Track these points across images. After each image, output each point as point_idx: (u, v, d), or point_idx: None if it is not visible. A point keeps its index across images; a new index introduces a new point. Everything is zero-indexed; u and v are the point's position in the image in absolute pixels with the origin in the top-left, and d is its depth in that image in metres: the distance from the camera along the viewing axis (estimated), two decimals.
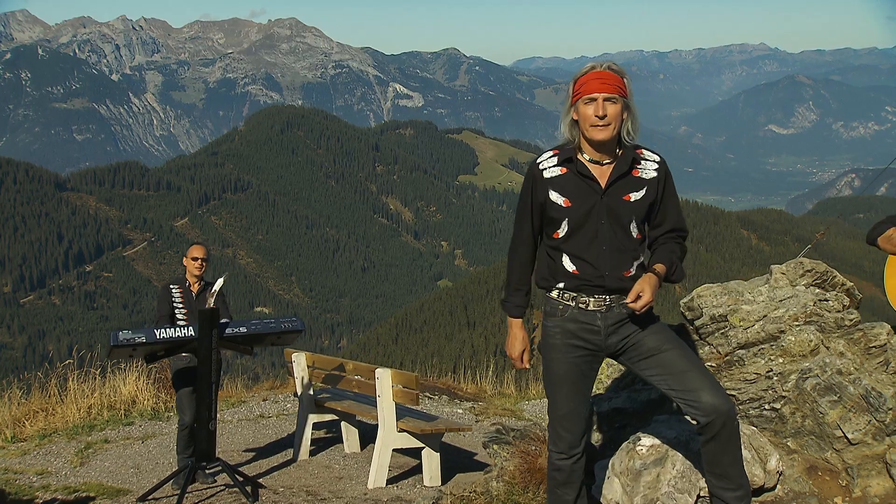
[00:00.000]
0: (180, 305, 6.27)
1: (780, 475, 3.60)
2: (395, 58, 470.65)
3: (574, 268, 3.20)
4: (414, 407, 6.68)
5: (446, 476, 6.57)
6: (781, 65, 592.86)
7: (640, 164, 3.24)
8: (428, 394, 9.63)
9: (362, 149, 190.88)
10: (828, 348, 3.77)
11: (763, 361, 3.83)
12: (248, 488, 5.99)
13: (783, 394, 3.73)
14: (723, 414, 3.07)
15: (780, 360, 3.79)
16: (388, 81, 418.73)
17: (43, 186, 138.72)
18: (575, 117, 3.18)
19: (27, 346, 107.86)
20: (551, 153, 3.30)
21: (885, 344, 3.76)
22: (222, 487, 6.15)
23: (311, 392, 7.26)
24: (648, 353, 3.20)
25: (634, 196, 3.20)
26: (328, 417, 7.37)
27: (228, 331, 5.83)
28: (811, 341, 3.75)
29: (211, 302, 5.72)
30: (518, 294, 3.38)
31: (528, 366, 3.35)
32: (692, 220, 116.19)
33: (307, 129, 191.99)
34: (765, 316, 3.89)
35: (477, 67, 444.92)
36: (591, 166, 3.19)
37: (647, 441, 3.59)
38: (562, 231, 3.20)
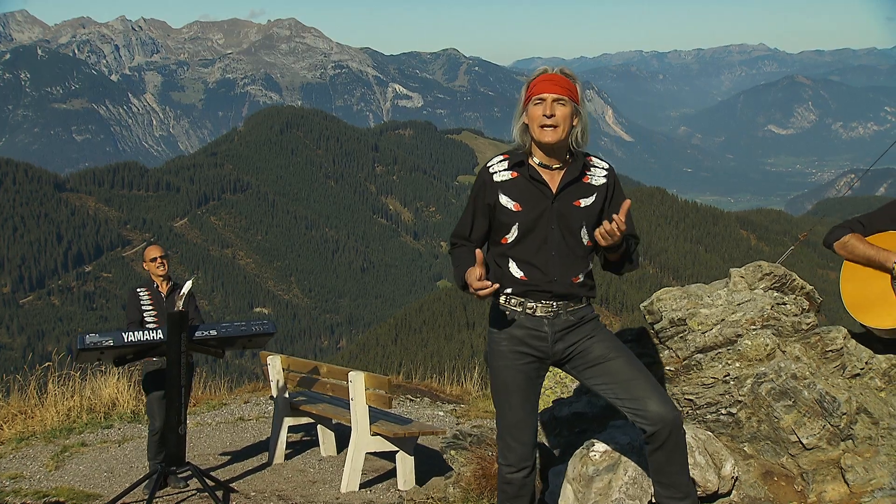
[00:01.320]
0: (149, 308, 6.24)
1: (735, 480, 3.57)
2: (394, 58, 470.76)
3: (522, 273, 3.17)
4: (389, 410, 6.65)
5: (422, 479, 6.52)
6: (781, 65, 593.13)
7: (589, 170, 3.22)
8: (410, 396, 9.59)
9: (362, 149, 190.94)
10: (784, 352, 3.74)
11: (720, 366, 3.81)
12: (220, 493, 5.95)
13: (739, 398, 3.70)
14: (669, 423, 3.03)
15: (737, 365, 3.76)
16: (388, 82, 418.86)
17: (42, 187, 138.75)
18: (525, 121, 3.15)
19: (26, 347, 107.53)
20: (501, 157, 3.27)
21: (842, 348, 3.73)
22: (193, 492, 6.11)
23: (287, 395, 7.23)
24: (595, 362, 3.17)
25: (584, 202, 3.17)
26: (304, 420, 7.33)
27: (198, 334, 5.78)
28: (767, 345, 3.72)
29: (179, 305, 5.68)
30: (470, 260, 3.13)
31: (489, 285, 2.98)
32: (691, 221, 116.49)
33: (306, 130, 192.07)
34: (722, 320, 3.86)
35: (476, 68, 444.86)
36: (541, 171, 3.17)
37: (600, 447, 3.56)
38: (511, 236, 3.17)
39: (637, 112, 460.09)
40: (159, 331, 5.66)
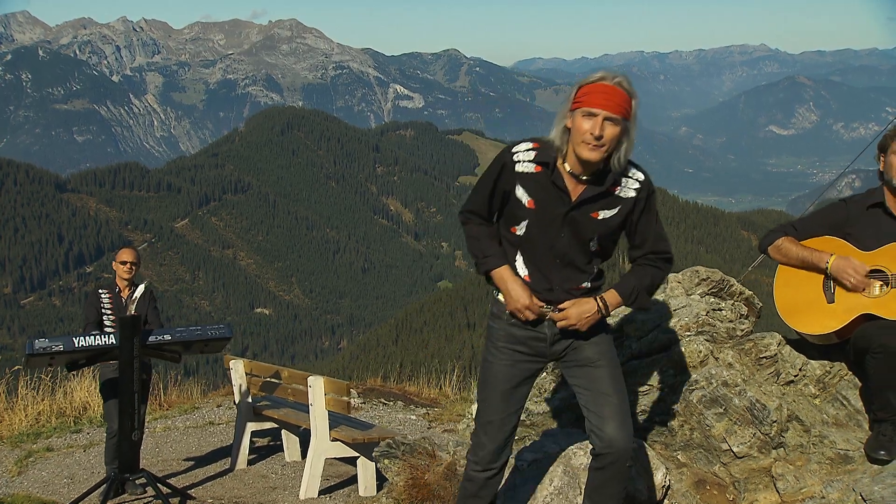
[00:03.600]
0: (108, 311, 6.16)
1: (666, 490, 3.51)
2: (395, 59, 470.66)
3: (526, 273, 3.05)
4: (351, 415, 6.59)
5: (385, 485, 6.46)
6: (782, 65, 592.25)
7: (621, 181, 3.01)
8: (383, 399, 9.53)
9: (363, 150, 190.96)
10: (717, 359, 3.68)
11: (655, 372, 3.75)
12: (176, 500, 5.90)
13: (672, 406, 3.64)
14: (618, 450, 2.96)
15: (671, 372, 3.70)
16: (389, 82, 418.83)
17: (43, 188, 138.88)
18: (568, 125, 2.90)
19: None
20: (530, 145, 3.03)
21: (776, 354, 3.67)
22: (150, 499, 6.05)
23: (250, 400, 7.17)
24: (584, 363, 3.07)
25: (604, 214, 3.00)
26: (268, 425, 7.27)
27: (152, 338, 5.72)
28: (700, 352, 3.67)
29: (132, 309, 5.63)
30: (493, 246, 3.12)
31: (542, 305, 3.02)
32: (692, 222, 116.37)
33: (307, 131, 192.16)
34: (658, 326, 3.80)
35: (477, 68, 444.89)
36: (567, 178, 2.97)
37: (528, 456, 3.50)
38: (520, 230, 3.03)
39: (638, 112, 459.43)
40: (111, 335, 5.59)
